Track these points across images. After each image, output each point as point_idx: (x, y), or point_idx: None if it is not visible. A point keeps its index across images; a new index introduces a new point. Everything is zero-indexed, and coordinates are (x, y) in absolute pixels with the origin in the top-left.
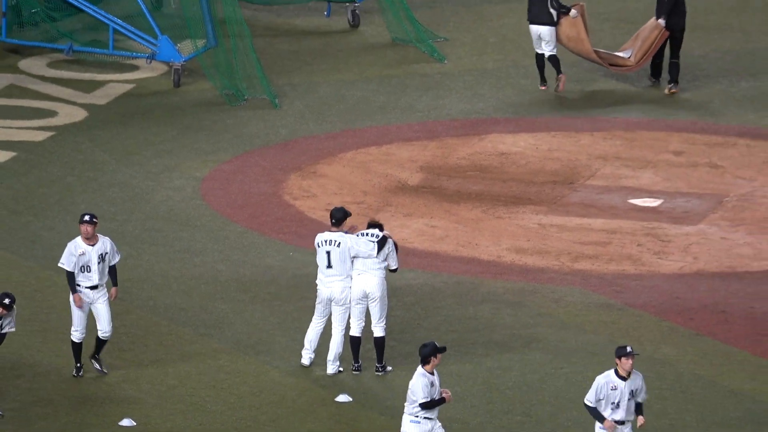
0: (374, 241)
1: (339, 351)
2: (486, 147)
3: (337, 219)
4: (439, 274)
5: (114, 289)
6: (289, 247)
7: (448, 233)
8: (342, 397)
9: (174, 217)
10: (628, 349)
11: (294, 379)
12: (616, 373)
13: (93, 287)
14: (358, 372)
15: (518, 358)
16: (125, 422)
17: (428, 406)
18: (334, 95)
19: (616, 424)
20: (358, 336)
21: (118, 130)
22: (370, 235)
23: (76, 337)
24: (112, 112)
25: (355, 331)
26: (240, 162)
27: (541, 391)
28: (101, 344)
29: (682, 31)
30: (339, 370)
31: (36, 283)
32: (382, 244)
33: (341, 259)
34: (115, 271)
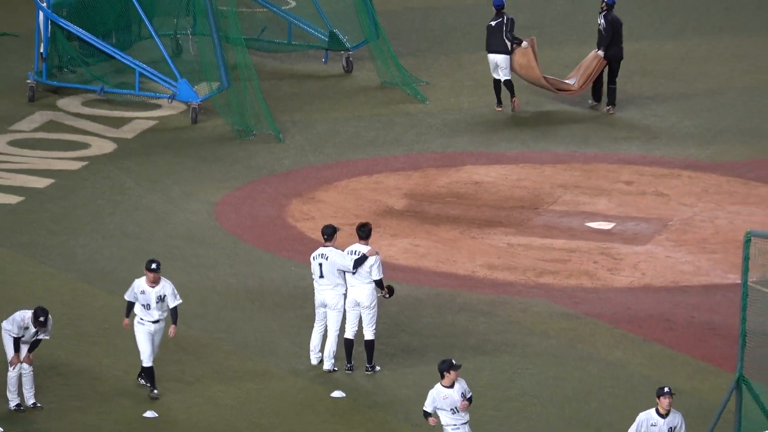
0: (353, 259)
1: (333, 349)
2: (462, 177)
3: (328, 234)
4: (421, 286)
5: (172, 327)
6: (290, 263)
7: (429, 251)
8: (336, 393)
9: (191, 236)
10: (666, 389)
11: (294, 377)
12: (657, 411)
13: (154, 321)
14: (350, 371)
15: (490, 360)
16: (149, 414)
17: (425, 415)
18: (330, 131)
19: None
20: (351, 339)
21: (142, 160)
22: (356, 253)
23: (145, 362)
24: (138, 145)
25: (349, 335)
26: (249, 189)
27: (509, 389)
28: (146, 369)
29: (619, 61)
30: (333, 369)
31: (71, 293)
32: (360, 262)
33: (329, 270)
34: (175, 312)
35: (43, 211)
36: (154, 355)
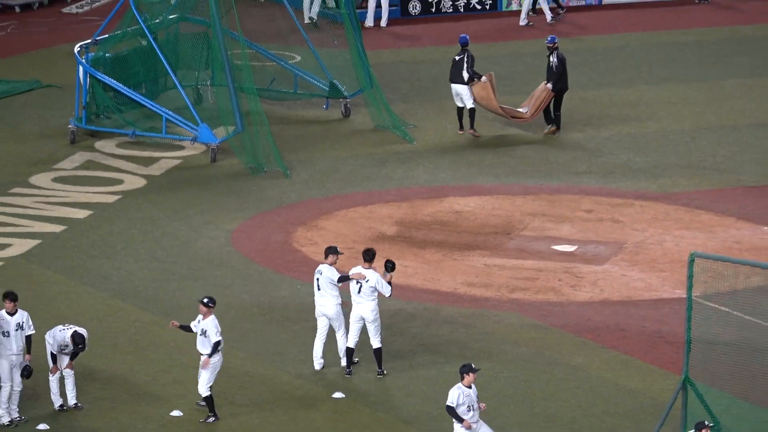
0: (339, 274)
1: (343, 348)
2: (445, 207)
3: (325, 254)
4: (410, 302)
5: (206, 359)
6: (296, 282)
7: (416, 271)
8: (337, 394)
9: (211, 259)
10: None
11: (301, 380)
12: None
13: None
14: (349, 375)
15: None
16: (175, 413)
17: (450, 412)
18: (331, 168)
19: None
20: (352, 348)
21: (168, 194)
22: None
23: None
24: (165, 181)
25: (351, 344)
26: (260, 218)
27: (486, 390)
28: (207, 401)
29: (563, 92)
30: (349, 372)
31: (107, 309)
32: (344, 279)
33: (324, 284)
34: (215, 344)
35: (83, 239)
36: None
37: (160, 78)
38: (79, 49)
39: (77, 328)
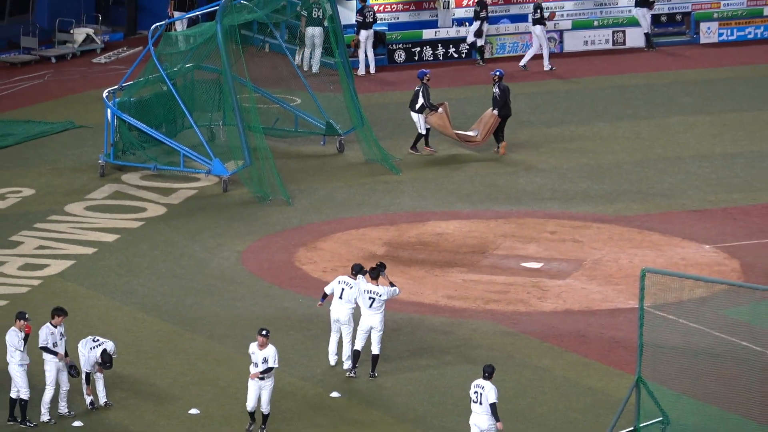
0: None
1: (349, 353)
2: (427, 229)
3: (356, 271)
4: (398, 313)
5: (256, 372)
6: (298, 296)
7: (402, 286)
8: (334, 394)
9: (223, 276)
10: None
11: (302, 381)
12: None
13: (261, 378)
14: (353, 376)
15: (450, 368)
16: (193, 411)
17: (495, 409)
18: (328, 196)
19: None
20: (359, 351)
21: (186, 220)
22: (371, 292)
23: (250, 407)
24: (183, 208)
25: (358, 347)
26: (266, 240)
27: (465, 389)
28: (264, 417)
29: (506, 118)
30: (353, 374)
31: (132, 322)
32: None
33: (349, 295)
34: (271, 369)
35: (112, 259)
36: (265, 408)
37: (178, 119)
38: (107, 94)
39: (106, 345)
